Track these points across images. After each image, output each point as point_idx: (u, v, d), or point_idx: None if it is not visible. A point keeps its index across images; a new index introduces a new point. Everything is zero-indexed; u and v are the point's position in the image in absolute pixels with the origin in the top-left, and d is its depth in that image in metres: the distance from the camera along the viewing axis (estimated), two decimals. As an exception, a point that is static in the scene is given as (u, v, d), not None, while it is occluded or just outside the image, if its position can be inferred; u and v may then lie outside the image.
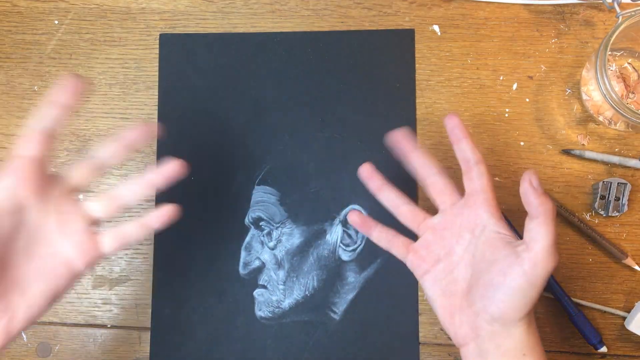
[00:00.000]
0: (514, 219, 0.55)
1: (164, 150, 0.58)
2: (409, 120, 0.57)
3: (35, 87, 0.60)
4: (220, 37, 0.59)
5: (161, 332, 0.56)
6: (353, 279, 0.56)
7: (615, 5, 0.52)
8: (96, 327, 0.57)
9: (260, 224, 0.57)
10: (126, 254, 0.57)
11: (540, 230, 0.41)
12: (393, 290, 0.55)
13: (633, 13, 0.50)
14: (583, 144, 0.56)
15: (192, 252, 0.57)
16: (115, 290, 0.57)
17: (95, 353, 0.57)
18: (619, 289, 0.55)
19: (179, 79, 0.59)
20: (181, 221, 0.57)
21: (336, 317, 0.56)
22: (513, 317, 0.42)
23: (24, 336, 0.57)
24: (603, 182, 0.54)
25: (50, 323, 0.57)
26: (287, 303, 0.56)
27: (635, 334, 0.52)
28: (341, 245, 0.56)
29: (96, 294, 0.57)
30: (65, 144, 0.59)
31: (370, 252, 0.56)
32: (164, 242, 0.57)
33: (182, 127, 0.58)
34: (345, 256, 0.56)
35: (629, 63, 0.56)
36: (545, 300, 0.55)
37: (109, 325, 0.57)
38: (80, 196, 0.58)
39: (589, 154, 0.55)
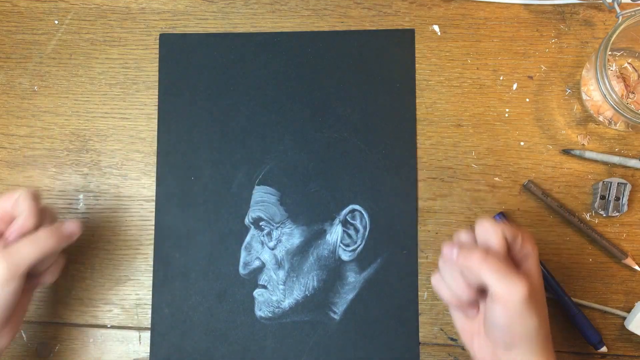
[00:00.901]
0: (514, 218, 0.55)
1: (165, 151, 0.58)
2: (409, 121, 0.57)
3: (35, 87, 0.60)
4: (220, 37, 0.59)
5: (161, 332, 0.56)
6: (353, 279, 0.56)
7: (615, 5, 0.52)
8: (96, 327, 0.57)
9: (261, 224, 0.57)
10: (126, 254, 0.57)
11: (486, 281, 0.41)
12: (393, 290, 0.55)
13: (633, 13, 0.50)
14: (583, 144, 0.56)
15: (192, 252, 0.57)
16: (115, 290, 0.57)
17: (95, 353, 0.57)
18: (619, 289, 0.55)
19: (179, 79, 0.59)
20: (181, 221, 0.57)
21: (336, 317, 0.56)
22: (525, 346, 0.42)
23: (24, 336, 0.57)
24: (603, 182, 0.54)
25: (50, 323, 0.57)
26: (287, 303, 0.56)
27: (635, 334, 0.52)
28: (341, 245, 0.56)
29: (96, 294, 0.57)
30: (65, 143, 0.59)
31: (371, 252, 0.56)
32: (164, 241, 0.57)
33: (182, 127, 0.58)
34: (345, 256, 0.56)
35: (629, 63, 0.56)
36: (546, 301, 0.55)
37: (109, 325, 0.57)
38: (81, 196, 0.58)
39: (589, 154, 0.55)
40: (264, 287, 0.56)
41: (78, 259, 0.57)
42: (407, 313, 0.55)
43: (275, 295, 0.56)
